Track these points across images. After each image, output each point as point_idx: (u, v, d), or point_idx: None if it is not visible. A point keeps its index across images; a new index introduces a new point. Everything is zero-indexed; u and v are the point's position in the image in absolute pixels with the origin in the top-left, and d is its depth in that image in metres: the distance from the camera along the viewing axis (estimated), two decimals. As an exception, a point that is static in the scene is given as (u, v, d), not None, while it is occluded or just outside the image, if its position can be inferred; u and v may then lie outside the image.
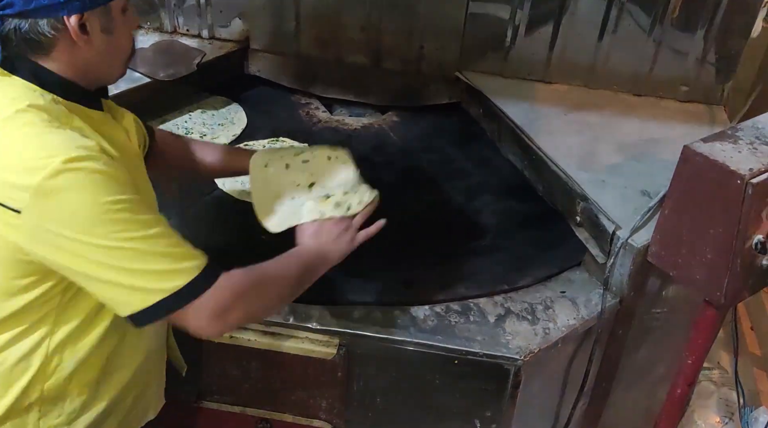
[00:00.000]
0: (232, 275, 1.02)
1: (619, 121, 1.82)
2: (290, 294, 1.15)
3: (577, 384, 1.50)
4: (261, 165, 1.39)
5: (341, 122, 2.01)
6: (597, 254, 1.48)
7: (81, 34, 0.96)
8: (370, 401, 1.42)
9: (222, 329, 1.02)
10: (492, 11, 1.90)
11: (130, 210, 0.92)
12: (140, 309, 0.96)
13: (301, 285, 1.16)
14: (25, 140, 0.92)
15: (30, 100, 0.95)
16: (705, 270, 1.26)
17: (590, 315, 1.42)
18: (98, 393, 1.11)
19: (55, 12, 0.94)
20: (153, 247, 0.94)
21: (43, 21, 0.94)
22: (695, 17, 1.80)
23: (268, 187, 1.36)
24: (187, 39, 2.05)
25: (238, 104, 2.01)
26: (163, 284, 0.95)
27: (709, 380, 2.12)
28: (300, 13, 1.98)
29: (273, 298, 1.12)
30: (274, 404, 1.45)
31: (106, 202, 0.90)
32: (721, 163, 1.19)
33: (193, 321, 0.99)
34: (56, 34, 0.95)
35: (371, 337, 1.34)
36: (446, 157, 1.89)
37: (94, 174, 0.90)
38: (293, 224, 1.28)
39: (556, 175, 1.62)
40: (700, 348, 1.38)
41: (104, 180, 0.91)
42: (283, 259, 1.15)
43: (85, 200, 0.90)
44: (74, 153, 0.90)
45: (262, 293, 1.08)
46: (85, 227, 0.90)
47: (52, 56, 0.98)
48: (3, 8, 0.93)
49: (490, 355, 1.32)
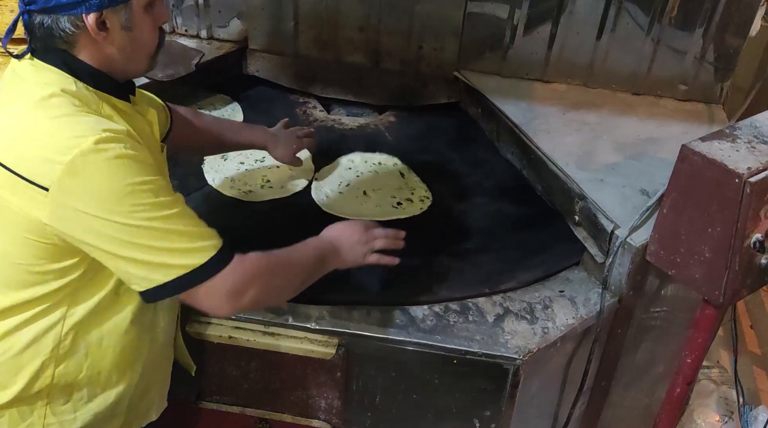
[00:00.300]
0: (248, 257, 1.05)
1: (617, 120, 1.82)
2: (303, 281, 1.18)
3: (577, 383, 1.50)
4: None
5: (338, 122, 2.01)
6: (596, 253, 1.48)
7: (99, 31, 0.99)
8: (369, 401, 1.43)
9: (234, 309, 1.05)
10: (490, 11, 1.90)
11: (152, 191, 0.96)
12: (155, 285, 0.99)
13: (313, 275, 1.19)
14: (57, 122, 0.95)
15: (62, 86, 0.98)
16: (704, 269, 1.26)
17: (589, 315, 1.42)
18: (107, 384, 1.13)
19: (74, 9, 0.96)
20: (172, 226, 0.98)
21: (63, 18, 0.97)
22: (694, 16, 1.80)
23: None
24: (185, 39, 2.05)
25: (236, 104, 2.01)
26: (180, 260, 0.98)
27: (708, 379, 2.12)
28: (299, 13, 1.98)
29: (287, 284, 1.15)
30: (274, 404, 1.46)
31: (131, 183, 0.94)
32: (720, 162, 1.19)
33: (206, 301, 1.02)
34: (76, 30, 0.98)
35: (370, 337, 1.35)
36: (444, 157, 1.89)
37: (121, 156, 0.94)
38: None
39: (554, 175, 1.62)
40: (699, 347, 1.38)
41: (130, 162, 0.95)
42: (301, 247, 1.19)
43: (111, 180, 0.94)
44: (104, 134, 0.94)
45: (277, 277, 1.11)
46: (109, 205, 0.94)
47: (76, 50, 1.01)
48: (28, 4, 0.97)
49: (489, 355, 1.32)
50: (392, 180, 1.76)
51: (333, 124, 2.00)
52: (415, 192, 1.72)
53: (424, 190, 1.73)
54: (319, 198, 1.69)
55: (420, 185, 1.74)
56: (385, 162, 1.82)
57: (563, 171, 1.60)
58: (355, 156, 1.84)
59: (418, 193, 1.72)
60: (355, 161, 1.82)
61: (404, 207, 1.67)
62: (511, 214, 1.69)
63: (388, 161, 1.82)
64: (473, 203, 1.73)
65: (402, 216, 1.63)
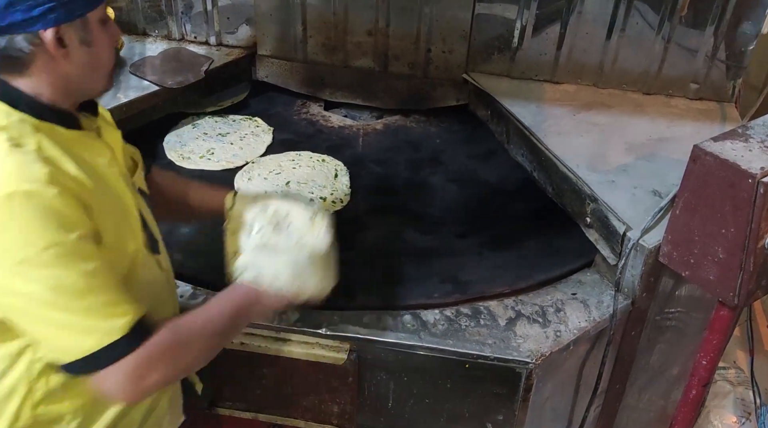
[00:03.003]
0: (152, 339, 0.97)
1: (628, 121, 1.81)
2: (219, 345, 1.10)
3: (590, 386, 1.49)
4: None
5: (348, 126, 2.02)
6: (608, 255, 1.47)
7: (58, 47, 0.95)
8: (381, 405, 1.42)
9: (137, 395, 0.98)
10: (498, 12, 1.90)
11: (64, 255, 0.90)
12: (61, 361, 0.95)
13: (231, 334, 1.13)
14: None
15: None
16: (717, 271, 1.25)
17: (602, 317, 1.41)
18: (97, 414, 1.09)
19: (30, 26, 0.92)
20: (77, 301, 0.91)
21: (19, 37, 0.92)
22: (704, 14, 1.79)
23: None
24: (194, 46, 2.06)
25: (247, 110, 2.02)
26: (79, 342, 0.92)
27: (725, 380, 2.09)
28: (307, 18, 1.98)
29: (198, 354, 1.06)
30: (286, 409, 1.46)
31: (41, 247, 0.88)
32: (732, 162, 1.18)
33: (105, 386, 0.96)
34: (33, 49, 0.93)
35: (381, 342, 1.34)
36: (454, 159, 1.89)
37: (34, 210, 0.88)
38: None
39: (565, 176, 1.61)
40: (715, 349, 1.37)
41: (43, 217, 0.89)
42: (215, 305, 1.10)
43: (17, 239, 0.88)
44: (14, 186, 0.88)
45: (186, 353, 1.03)
46: (14, 267, 0.89)
47: (29, 73, 0.96)
48: None
49: (502, 359, 1.32)
50: (322, 178, 1.75)
51: (344, 128, 2.01)
52: (334, 193, 1.71)
53: (344, 194, 1.71)
54: (241, 179, 1.73)
55: (344, 189, 1.73)
56: (329, 161, 1.82)
57: (574, 172, 1.59)
58: (306, 152, 1.86)
59: (337, 194, 1.71)
60: (301, 155, 1.84)
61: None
62: (522, 217, 1.68)
63: (332, 161, 1.83)
64: (483, 206, 1.72)
65: None
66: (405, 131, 2.01)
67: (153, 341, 0.97)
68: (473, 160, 1.88)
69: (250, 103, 2.07)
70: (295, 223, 1.21)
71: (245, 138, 1.90)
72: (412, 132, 2.01)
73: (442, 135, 1.99)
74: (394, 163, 1.86)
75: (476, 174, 1.83)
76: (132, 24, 2.05)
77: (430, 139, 1.98)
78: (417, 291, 1.43)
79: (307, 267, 1.15)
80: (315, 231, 1.20)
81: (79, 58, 0.98)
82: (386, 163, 1.86)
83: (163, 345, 0.98)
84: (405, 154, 1.91)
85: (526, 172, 1.81)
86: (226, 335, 1.12)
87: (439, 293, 1.43)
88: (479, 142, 1.95)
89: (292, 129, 1.99)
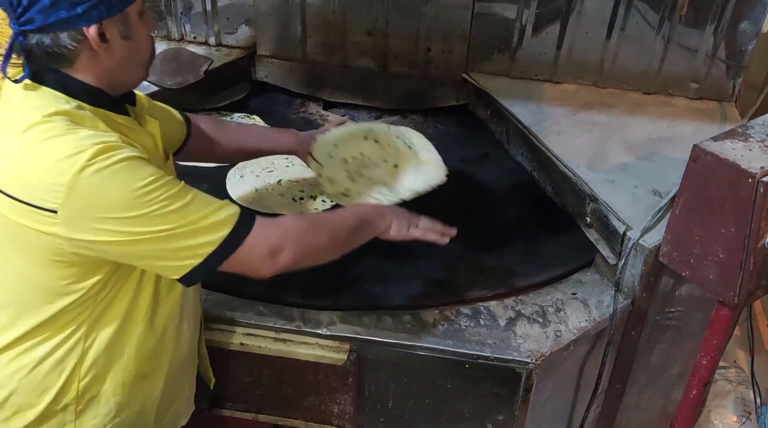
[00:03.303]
0: (281, 218, 1.10)
1: (628, 120, 1.81)
2: (344, 241, 1.18)
3: (591, 386, 1.49)
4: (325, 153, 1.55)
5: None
6: (608, 255, 1.47)
7: (101, 42, 0.98)
8: (381, 406, 1.42)
9: (274, 269, 1.07)
10: (498, 11, 1.90)
11: (161, 186, 0.97)
12: (194, 267, 1.01)
13: (354, 236, 1.19)
14: (48, 144, 0.95)
15: (55, 107, 0.98)
16: (718, 270, 1.25)
17: (602, 317, 1.40)
18: (133, 395, 1.13)
19: (74, 24, 0.96)
20: (191, 211, 0.99)
21: (63, 34, 0.96)
22: (704, 13, 1.78)
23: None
24: (194, 46, 2.06)
25: (246, 110, 2.02)
26: (209, 237, 1.00)
27: (725, 379, 2.09)
28: (306, 18, 1.98)
29: (326, 242, 1.15)
30: (287, 410, 1.46)
31: (138, 187, 0.95)
32: (732, 162, 1.18)
33: (244, 265, 1.05)
34: (78, 45, 0.98)
35: (381, 342, 1.34)
36: (453, 159, 1.88)
37: (120, 163, 0.95)
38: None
39: (564, 176, 1.61)
40: (715, 349, 1.37)
41: (130, 166, 0.96)
42: (341, 210, 1.22)
43: (119, 188, 0.94)
44: (97, 147, 0.94)
45: (314, 235, 1.13)
46: (125, 209, 0.95)
47: (75, 67, 1.00)
48: (24, 24, 0.95)
49: (502, 359, 1.32)
50: (311, 175, 1.70)
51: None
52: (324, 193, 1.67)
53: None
54: (234, 176, 1.73)
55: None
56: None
57: (574, 172, 1.59)
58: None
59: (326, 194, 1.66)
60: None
61: (303, 202, 1.66)
62: (522, 216, 1.68)
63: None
64: (483, 205, 1.72)
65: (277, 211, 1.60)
66: None
67: (279, 222, 1.09)
68: (467, 162, 1.86)
69: (250, 102, 2.07)
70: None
71: None
72: None
73: (438, 136, 1.98)
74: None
75: (469, 175, 1.82)
76: (131, 24, 2.05)
77: (428, 138, 1.97)
78: (415, 291, 1.43)
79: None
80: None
81: (119, 52, 1.02)
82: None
83: (288, 226, 1.10)
84: None
85: (525, 171, 1.81)
86: (349, 236, 1.18)
87: (439, 293, 1.43)
88: (475, 145, 1.94)
89: (288, 127, 1.98)
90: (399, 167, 1.59)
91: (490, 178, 1.81)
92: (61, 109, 0.97)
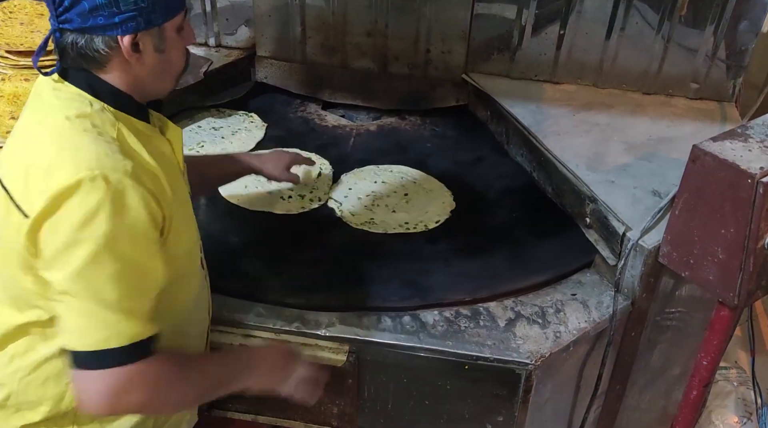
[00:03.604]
0: (146, 362, 0.98)
1: (628, 121, 1.81)
2: (200, 398, 1.15)
3: (591, 387, 1.48)
4: None
5: (342, 126, 2.02)
6: (607, 256, 1.47)
7: (133, 52, 0.99)
8: (381, 407, 1.42)
9: (109, 409, 1.00)
10: (498, 12, 1.90)
11: (118, 241, 0.93)
12: (70, 349, 0.97)
13: (214, 393, 1.14)
14: (60, 146, 0.95)
15: (78, 108, 0.98)
16: (717, 271, 1.25)
17: (602, 318, 1.40)
18: None
19: (110, 31, 0.96)
20: (109, 292, 0.94)
21: (98, 38, 0.97)
22: (704, 13, 1.78)
23: None
24: (193, 47, 2.06)
25: (246, 110, 2.02)
26: (90, 334, 0.95)
27: (726, 380, 2.09)
28: (305, 19, 1.98)
29: (181, 399, 1.09)
30: (286, 411, 1.45)
31: (102, 231, 0.92)
32: (732, 162, 1.18)
33: (85, 387, 0.97)
34: (110, 51, 0.98)
35: (381, 343, 1.34)
36: (453, 160, 1.89)
37: (107, 196, 0.92)
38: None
39: (564, 177, 1.61)
40: (715, 349, 1.37)
41: (113, 204, 0.93)
42: (216, 360, 1.18)
43: (84, 218, 0.92)
44: (97, 171, 0.92)
45: (173, 391, 1.05)
46: (69, 246, 0.92)
47: (106, 70, 1.01)
48: (62, 22, 0.96)
49: (501, 360, 1.32)
50: (305, 176, 1.73)
51: (342, 128, 2.01)
52: (314, 192, 1.72)
53: (324, 193, 1.72)
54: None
55: (324, 189, 1.74)
56: (315, 160, 1.80)
57: (573, 173, 1.58)
58: (294, 149, 1.81)
59: (316, 193, 1.72)
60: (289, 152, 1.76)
61: (291, 200, 1.69)
62: (522, 217, 1.68)
63: (318, 160, 1.82)
64: (482, 206, 1.72)
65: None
66: (397, 133, 2.01)
67: (145, 365, 0.98)
68: (459, 165, 1.85)
69: (250, 101, 2.07)
70: None
71: (237, 133, 1.91)
72: (405, 134, 2.00)
73: (434, 139, 1.98)
74: (379, 165, 1.85)
75: (466, 176, 1.81)
76: (131, 26, 2.05)
77: (420, 143, 1.96)
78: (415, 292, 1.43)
79: None
80: None
81: (151, 63, 1.02)
82: (371, 164, 1.84)
83: (152, 374, 0.99)
84: (392, 156, 1.89)
85: (525, 172, 1.80)
86: (209, 394, 1.14)
87: (438, 294, 1.43)
88: (474, 146, 1.93)
89: (285, 126, 1.99)
90: (409, 196, 1.71)
91: (488, 179, 1.81)
92: (83, 110, 0.98)
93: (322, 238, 1.60)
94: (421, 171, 1.81)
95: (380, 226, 1.61)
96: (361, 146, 1.94)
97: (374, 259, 1.52)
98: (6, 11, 1.86)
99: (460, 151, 1.92)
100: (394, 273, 1.48)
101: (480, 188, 1.78)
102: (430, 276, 1.48)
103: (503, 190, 1.77)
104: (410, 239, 1.60)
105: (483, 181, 1.80)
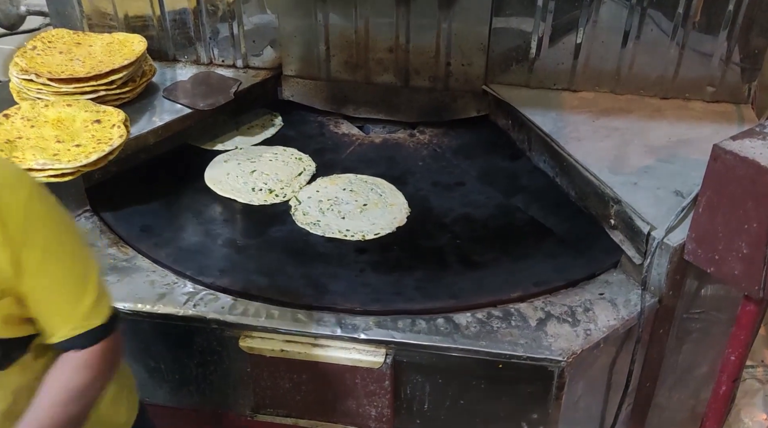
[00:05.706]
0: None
1: (647, 125, 1.85)
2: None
3: (621, 385, 1.52)
4: None
5: (351, 135, 2.09)
6: (633, 255, 1.50)
7: None
8: (418, 408, 1.46)
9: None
10: (515, 25, 1.95)
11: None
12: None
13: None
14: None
15: None
16: (742, 265, 1.28)
17: (630, 316, 1.44)
18: None
19: None
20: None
21: None
22: (717, 18, 1.83)
23: None
24: (222, 69, 2.14)
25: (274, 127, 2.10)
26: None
27: (753, 378, 2.10)
28: (329, 38, 2.05)
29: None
30: (325, 414, 1.50)
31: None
32: (752, 160, 1.22)
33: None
34: None
35: (416, 345, 1.39)
36: (477, 167, 1.93)
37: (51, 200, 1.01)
38: None
39: (587, 180, 1.65)
40: (743, 344, 1.40)
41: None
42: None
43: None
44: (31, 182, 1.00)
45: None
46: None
47: None
48: None
49: (534, 358, 1.36)
50: (286, 173, 1.86)
51: (368, 141, 2.07)
52: (284, 189, 1.81)
53: (292, 191, 1.80)
54: (220, 158, 1.90)
55: (295, 187, 1.82)
56: (305, 161, 1.92)
57: (597, 176, 1.63)
58: (291, 149, 1.96)
59: (285, 190, 1.80)
60: (286, 151, 1.95)
61: (261, 193, 1.80)
62: (548, 221, 1.71)
63: (307, 161, 1.92)
64: (429, 228, 1.71)
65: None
66: (398, 148, 2.03)
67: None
68: (437, 186, 1.84)
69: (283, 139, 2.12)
70: None
71: (252, 128, 2.05)
72: (404, 150, 2.02)
73: (428, 158, 1.97)
74: (359, 175, 1.88)
75: (491, 183, 1.84)
76: (163, 51, 2.13)
77: (412, 160, 1.96)
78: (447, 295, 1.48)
79: None
80: None
81: None
82: (353, 172, 1.89)
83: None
84: (378, 168, 1.91)
85: (548, 177, 1.85)
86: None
87: (470, 296, 1.47)
88: (457, 173, 1.90)
89: (300, 128, 2.09)
90: (367, 206, 1.76)
91: (512, 185, 1.85)
92: None
93: (260, 230, 1.69)
94: (395, 186, 1.83)
95: (321, 229, 1.67)
96: (355, 155, 1.99)
97: (295, 256, 1.59)
98: (45, 41, 1.94)
99: (447, 174, 1.91)
100: (306, 271, 1.54)
101: (439, 211, 1.75)
102: (337, 280, 1.51)
103: (460, 217, 1.73)
104: (341, 245, 1.63)
105: (447, 205, 1.78)
